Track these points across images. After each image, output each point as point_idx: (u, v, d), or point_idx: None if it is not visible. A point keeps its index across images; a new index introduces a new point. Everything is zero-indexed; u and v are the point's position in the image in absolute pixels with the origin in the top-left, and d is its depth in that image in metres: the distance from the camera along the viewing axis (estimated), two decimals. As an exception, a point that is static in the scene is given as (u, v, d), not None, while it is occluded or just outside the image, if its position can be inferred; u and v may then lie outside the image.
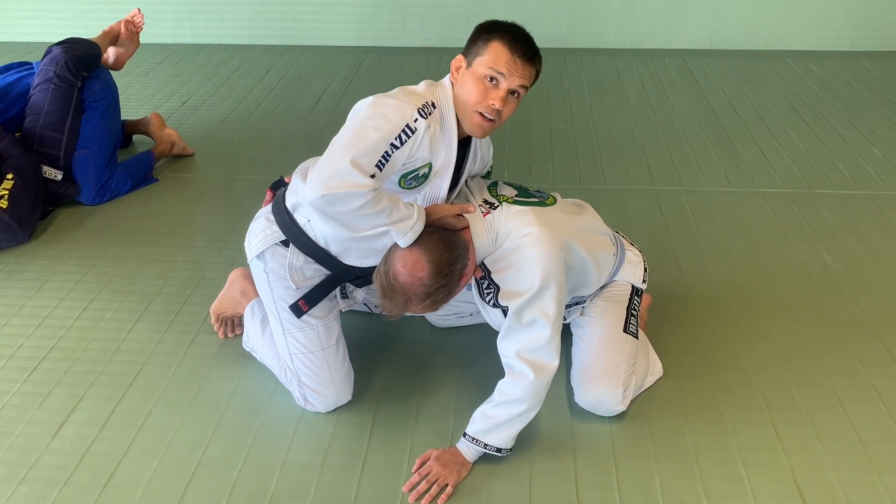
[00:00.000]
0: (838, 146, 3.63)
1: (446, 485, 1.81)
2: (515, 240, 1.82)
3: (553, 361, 1.82)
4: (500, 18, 1.86)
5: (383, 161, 1.67)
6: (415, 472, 1.85)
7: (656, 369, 2.16)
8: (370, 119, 1.70)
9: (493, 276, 1.86)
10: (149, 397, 2.11)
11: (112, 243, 2.86)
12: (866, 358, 2.23)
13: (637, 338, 2.07)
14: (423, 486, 1.81)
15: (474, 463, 1.87)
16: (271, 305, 2.01)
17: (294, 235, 1.94)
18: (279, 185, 2.12)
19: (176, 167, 3.49)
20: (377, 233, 1.72)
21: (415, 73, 4.64)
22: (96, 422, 2.03)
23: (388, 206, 1.70)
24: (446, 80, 1.86)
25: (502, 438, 1.84)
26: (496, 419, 1.83)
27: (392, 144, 1.68)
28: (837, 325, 2.38)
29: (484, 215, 1.87)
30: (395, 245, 1.77)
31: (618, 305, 2.09)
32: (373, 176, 1.65)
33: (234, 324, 2.36)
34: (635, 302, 2.12)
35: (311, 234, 1.92)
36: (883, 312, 2.43)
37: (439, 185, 1.87)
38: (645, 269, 2.18)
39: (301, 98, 4.30)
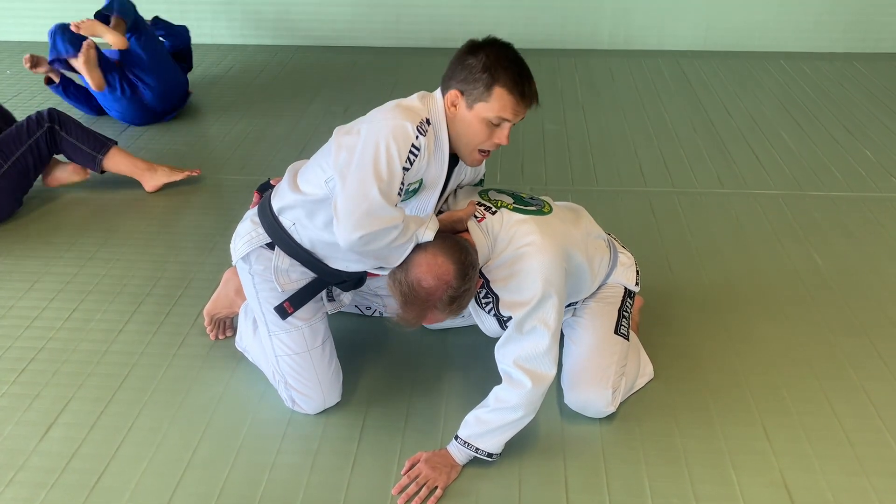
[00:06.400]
0: (830, 148, 3.64)
1: (436, 487, 1.80)
2: (516, 249, 1.80)
3: (551, 371, 1.81)
4: (492, 33, 1.85)
5: (402, 186, 1.70)
6: (404, 474, 1.84)
7: (647, 371, 2.16)
8: (380, 145, 1.69)
9: (492, 285, 1.84)
10: (138, 399, 2.10)
11: (102, 244, 2.85)
12: (856, 360, 2.24)
13: (628, 339, 2.07)
14: (412, 488, 1.81)
15: (464, 465, 1.87)
16: (257, 307, 2.01)
17: (279, 238, 1.93)
18: (266, 188, 2.11)
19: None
20: (407, 253, 1.73)
21: (408, 74, 4.64)
22: (85, 424, 2.02)
23: (414, 228, 1.72)
24: (438, 95, 1.83)
25: (494, 444, 1.84)
26: (490, 424, 1.83)
27: (404, 168, 1.70)
28: (828, 326, 2.39)
29: (479, 221, 1.85)
30: (410, 253, 1.74)
31: (610, 307, 2.08)
32: (396, 205, 1.69)
33: (225, 325, 2.35)
34: (627, 304, 2.11)
35: (296, 237, 1.92)
36: (873, 314, 2.44)
37: (428, 199, 1.86)
38: (637, 271, 2.18)
39: (294, 98, 4.29)
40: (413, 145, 1.70)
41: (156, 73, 3.76)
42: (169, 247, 2.84)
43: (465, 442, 1.84)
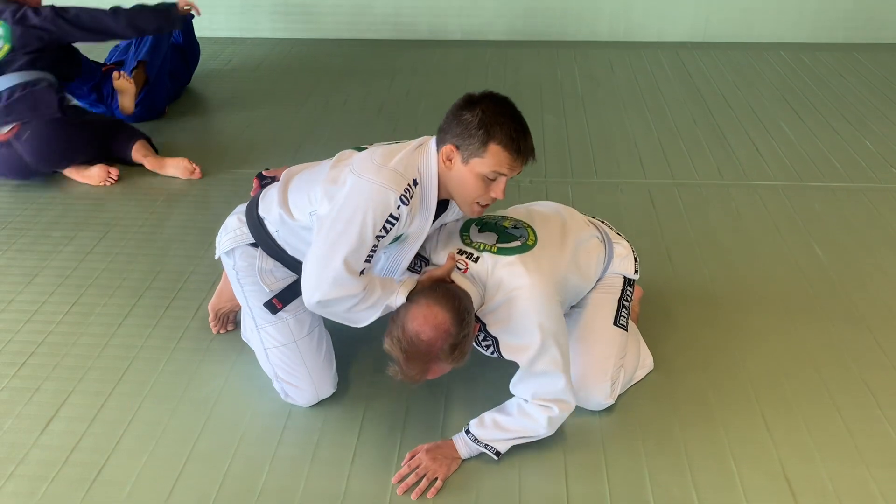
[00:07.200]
0: (831, 139, 3.63)
1: (435, 478, 1.80)
2: (507, 292, 1.80)
3: (571, 401, 1.84)
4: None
5: (371, 254, 1.72)
6: (405, 464, 1.85)
7: (647, 363, 2.16)
8: (357, 213, 1.70)
9: (489, 328, 1.84)
10: (138, 392, 2.11)
11: (101, 238, 2.85)
12: (856, 350, 2.24)
13: (627, 330, 2.06)
14: (412, 478, 1.81)
15: (464, 459, 1.87)
16: (243, 301, 2.02)
17: (263, 241, 1.94)
18: (264, 177, 2.12)
19: (167, 161, 3.48)
20: (376, 317, 1.80)
21: (406, 66, 4.62)
22: (85, 417, 2.02)
23: (379, 295, 1.75)
24: (432, 147, 1.80)
25: (505, 446, 1.86)
26: (509, 432, 1.84)
27: (378, 236, 1.71)
28: (828, 317, 2.38)
29: (463, 271, 1.84)
30: (403, 309, 1.74)
31: (609, 297, 2.08)
32: (362, 271, 1.73)
33: (228, 319, 2.35)
34: (627, 293, 2.11)
35: (279, 241, 1.93)
36: (873, 305, 2.44)
37: (410, 248, 1.86)
38: (635, 258, 2.17)
39: (293, 91, 4.28)
40: (392, 215, 1.71)
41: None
42: (168, 240, 2.84)
43: (476, 438, 1.84)
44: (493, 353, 1.84)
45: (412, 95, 4.20)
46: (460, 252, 1.87)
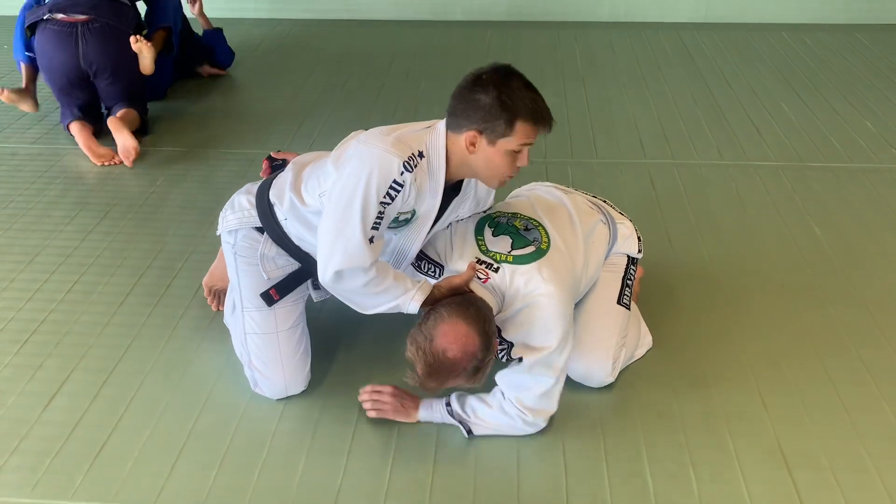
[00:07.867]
0: (831, 119, 3.63)
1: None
2: (525, 301, 1.82)
3: (554, 407, 1.86)
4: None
5: (378, 221, 1.72)
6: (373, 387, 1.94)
7: (646, 341, 2.17)
8: (361, 179, 1.70)
9: (504, 334, 1.85)
10: (140, 370, 2.12)
11: (102, 218, 2.85)
12: (854, 330, 2.25)
13: (629, 309, 2.07)
14: (365, 396, 1.93)
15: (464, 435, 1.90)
16: (234, 281, 2.01)
17: (270, 227, 1.94)
18: (274, 159, 2.13)
19: (165, 141, 3.48)
20: (386, 308, 1.81)
21: (407, 47, 4.61)
22: (87, 394, 2.04)
23: (393, 285, 1.78)
24: (440, 127, 1.80)
25: (481, 431, 1.89)
26: (489, 426, 1.87)
27: (382, 202, 1.71)
28: (826, 297, 2.39)
29: (484, 281, 1.85)
30: (431, 318, 1.73)
31: (613, 276, 2.09)
32: (371, 239, 1.71)
33: (223, 297, 2.36)
34: (631, 271, 2.12)
35: (286, 229, 1.93)
36: (871, 285, 2.45)
37: (420, 230, 1.86)
38: (638, 237, 2.18)
39: (293, 72, 4.27)
40: (395, 181, 1.70)
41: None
42: (168, 220, 2.85)
43: (452, 412, 1.87)
44: (502, 355, 1.85)
45: (412, 76, 4.19)
46: (479, 262, 1.88)
